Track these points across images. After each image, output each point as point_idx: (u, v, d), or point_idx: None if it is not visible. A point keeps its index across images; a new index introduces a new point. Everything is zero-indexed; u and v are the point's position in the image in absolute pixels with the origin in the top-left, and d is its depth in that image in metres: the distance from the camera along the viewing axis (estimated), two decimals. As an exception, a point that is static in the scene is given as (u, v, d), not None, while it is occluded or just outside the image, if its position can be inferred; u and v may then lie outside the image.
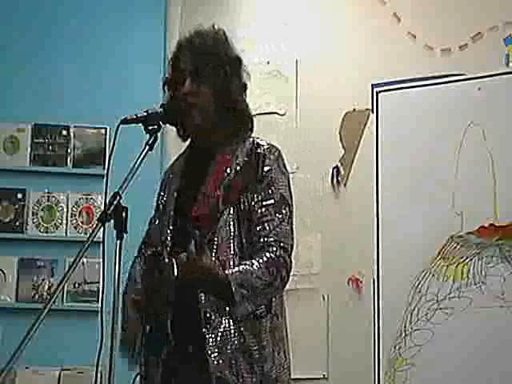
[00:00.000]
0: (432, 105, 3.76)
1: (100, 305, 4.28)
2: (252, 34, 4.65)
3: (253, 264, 2.42)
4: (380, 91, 3.88)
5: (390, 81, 3.91)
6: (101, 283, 2.31)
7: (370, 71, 4.13)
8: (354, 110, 4.24)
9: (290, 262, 2.52)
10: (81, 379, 4.53)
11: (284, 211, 2.56)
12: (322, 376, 4.14)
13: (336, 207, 4.25)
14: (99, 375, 2.32)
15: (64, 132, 4.88)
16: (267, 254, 2.45)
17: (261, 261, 2.43)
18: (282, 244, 2.50)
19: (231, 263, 2.45)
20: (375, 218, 3.76)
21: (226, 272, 2.39)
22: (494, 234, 3.52)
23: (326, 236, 4.24)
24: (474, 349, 3.48)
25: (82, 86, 4.88)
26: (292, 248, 2.55)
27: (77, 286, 4.68)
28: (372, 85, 3.94)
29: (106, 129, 4.88)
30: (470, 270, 3.55)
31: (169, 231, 2.56)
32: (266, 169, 2.54)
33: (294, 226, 2.60)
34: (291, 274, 2.54)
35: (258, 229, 2.50)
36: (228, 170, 2.54)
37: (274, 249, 2.48)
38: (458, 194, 3.62)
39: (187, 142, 2.71)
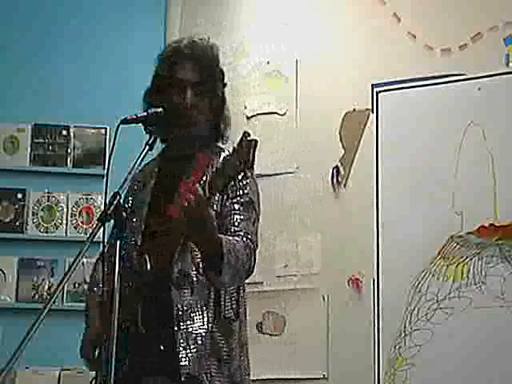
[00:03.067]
0: (432, 105, 3.76)
1: (100, 305, 4.30)
2: (252, 33, 4.65)
3: (235, 242, 2.44)
4: (380, 91, 3.88)
5: (390, 81, 3.91)
6: (101, 283, 2.31)
7: (370, 71, 4.13)
8: (354, 109, 4.24)
9: (255, 257, 2.54)
10: (81, 379, 4.53)
11: (251, 213, 2.58)
12: (321, 376, 4.14)
13: (336, 207, 4.25)
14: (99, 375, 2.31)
15: (64, 132, 4.88)
16: (240, 238, 2.48)
17: (238, 240, 2.46)
18: (249, 237, 2.52)
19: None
20: (375, 218, 3.76)
21: (220, 235, 2.40)
22: (494, 234, 3.52)
23: (326, 236, 4.24)
24: (474, 349, 3.48)
25: (82, 86, 4.88)
26: (257, 247, 2.57)
27: (77, 285, 4.68)
28: (372, 85, 3.94)
29: (105, 129, 4.88)
30: (470, 270, 3.55)
31: (140, 232, 2.58)
32: (239, 177, 2.54)
33: (257, 228, 2.62)
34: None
35: (226, 220, 2.52)
36: (206, 172, 2.54)
37: (244, 239, 2.50)
38: (458, 194, 3.62)
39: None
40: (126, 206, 2.66)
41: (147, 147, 2.38)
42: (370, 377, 3.68)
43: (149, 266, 2.36)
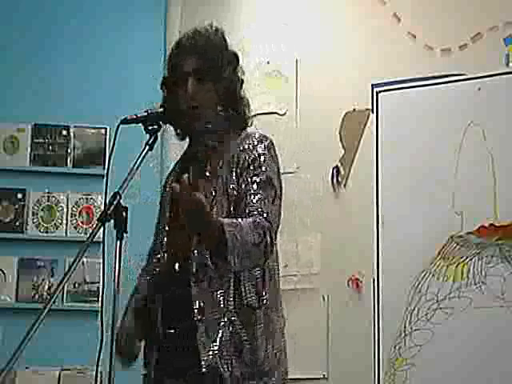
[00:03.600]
0: (432, 105, 3.76)
1: (100, 305, 4.31)
2: (252, 33, 4.65)
3: (242, 223, 2.38)
4: (380, 91, 3.88)
5: (390, 81, 3.91)
6: (101, 283, 2.31)
7: (370, 71, 4.13)
8: (354, 109, 4.24)
9: (274, 237, 2.46)
10: (81, 379, 4.53)
11: (270, 192, 2.50)
12: (321, 376, 4.14)
13: (336, 207, 4.25)
14: (99, 375, 2.31)
15: (64, 132, 4.88)
16: (252, 218, 2.42)
17: (249, 221, 2.40)
18: (264, 215, 2.44)
19: None
20: (375, 218, 3.76)
21: (219, 219, 2.35)
22: (494, 233, 3.52)
23: (326, 236, 4.24)
24: (474, 349, 3.48)
25: (82, 86, 4.88)
26: (276, 226, 2.49)
27: (77, 285, 4.68)
28: (372, 85, 3.94)
29: (106, 129, 4.88)
30: (470, 270, 3.55)
31: (164, 232, 2.59)
32: (255, 155, 2.53)
33: (280, 212, 2.54)
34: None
35: (242, 202, 2.47)
36: (220, 163, 2.54)
37: (260, 216, 2.43)
38: (458, 194, 3.62)
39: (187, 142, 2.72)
40: (160, 205, 2.69)
41: (147, 147, 2.37)
42: (370, 377, 3.68)
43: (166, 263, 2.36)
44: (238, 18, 4.73)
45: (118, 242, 2.20)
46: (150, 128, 2.42)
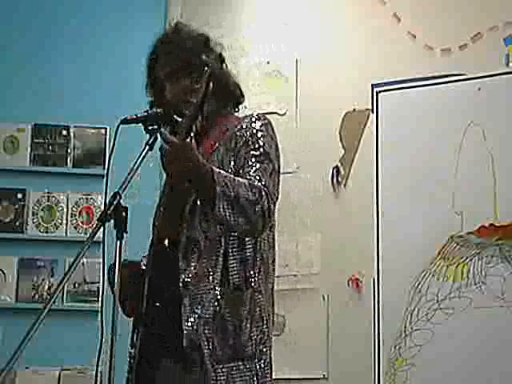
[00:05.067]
0: (432, 105, 3.76)
1: (100, 305, 4.31)
2: (252, 33, 4.65)
3: (237, 178, 2.39)
4: (380, 91, 3.88)
5: (390, 81, 3.91)
6: (101, 283, 2.31)
7: (370, 71, 4.13)
8: (354, 109, 4.24)
9: (274, 205, 2.45)
10: (81, 379, 4.53)
11: (267, 165, 2.50)
12: (321, 376, 4.14)
13: (336, 207, 4.25)
14: (99, 375, 2.31)
15: (64, 132, 4.88)
16: (251, 181, 2.42)
17: (246, 181, 2.41)
18: (262, 182, 2.44)
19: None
20: (375, 218, 3.76)
21: (213, 168, 2.36)
22: (494, 234, 3.52)
23: (326, 236, 4.24)
24: (474, 349, 3.48)
25: (82, 86, 4.88)
26: (276, 197, 2.49)
27: (77, 285, 4.68)
28: (372, 85, 3.94)
29: (105, 129, 4.88)
30: (470, 270, 3.55)
31: (161, 208, 2.60)
32: (252, 131, 2.54)
33: (278, 186, 2.53)
34: (270, 222, 2.48)
35: (240, 174, 2.47)
36: (217, 144, 2.55)
37: (258, 184, 2.43)
38: (458, 194, 3.62)
39: None
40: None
41: (147, 147, 2.37)
42: (370, 377, 3.68)
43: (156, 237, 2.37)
44: (239, 18, 4.73)
45: (118, 242, 2.20)
46: (149, 128, 2.42)
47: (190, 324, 2.41)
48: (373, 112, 3.92)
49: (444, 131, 3.70)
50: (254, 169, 2.47)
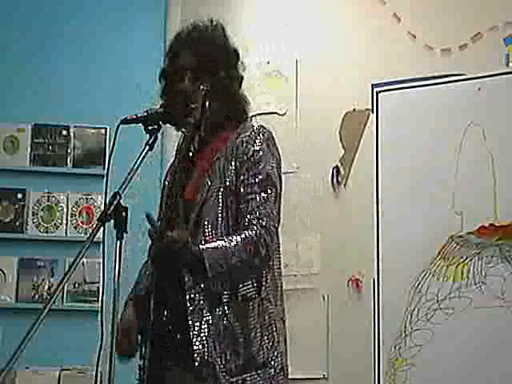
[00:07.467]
0: (432, 105, 3.76)
1: (100, 305, 4.31)
2: (252, 33, 4.65)
3: (231, 241, 2.40)
4: (380, 91, 3.88)
5: (390, 81, 3.91)
6: (101, 283, 2.31)
7: (370, 71, 4.13)
8: (354, 109, 4.24)
9: (271, 241, 2.47)
10: (81, 379, 4.54)
11: (269, 191, 2.50)
12: (322, 376, 4.14)
13: (336, 207, 4.25)
14: (99, 375, 2.31)
15: (64, 132, 4.88)
16: (247, 233, 2.43)
17: (239, 238, 2.41)
18: (263, 223, 2.45)
19: None
20: (375, 218, 3.76)
21: (201, 247, 2.36)
22: (494, 233, 3.52)
23: (326, 236, 4.24)
24: (474, 349, 3.48)
25: (82, 86, 4.88)
26: (276, 228, 2.50)
27: (77, 285, 4.68)
28: (372, 85, 3.94)
29: (105, 129, 4.88)
30: (470, 270, 3.55)
31: (162, 216, 2.60)
32: (254, 148, 2.53)
33: (280, 207, 2.56)
34: (275, 257, 2.52)
35: (242, 207, 2.48)
36: (218, 154, 2.54)
37: (255, 228, 2.44)
38: (458, 193, 3.62)
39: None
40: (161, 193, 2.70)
41: (147, 147, 2.38)
42: (370, 377, 3.68)
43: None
44: (239, 18, 4.73)
45: (118, 242, 2.20)
46: (149, 128, 2.42)
47: (199, 343, 2.41)
48: (373, 112, 3.92)
49: (444, 131, 3.70)
50: (254, 202, 2.47)
